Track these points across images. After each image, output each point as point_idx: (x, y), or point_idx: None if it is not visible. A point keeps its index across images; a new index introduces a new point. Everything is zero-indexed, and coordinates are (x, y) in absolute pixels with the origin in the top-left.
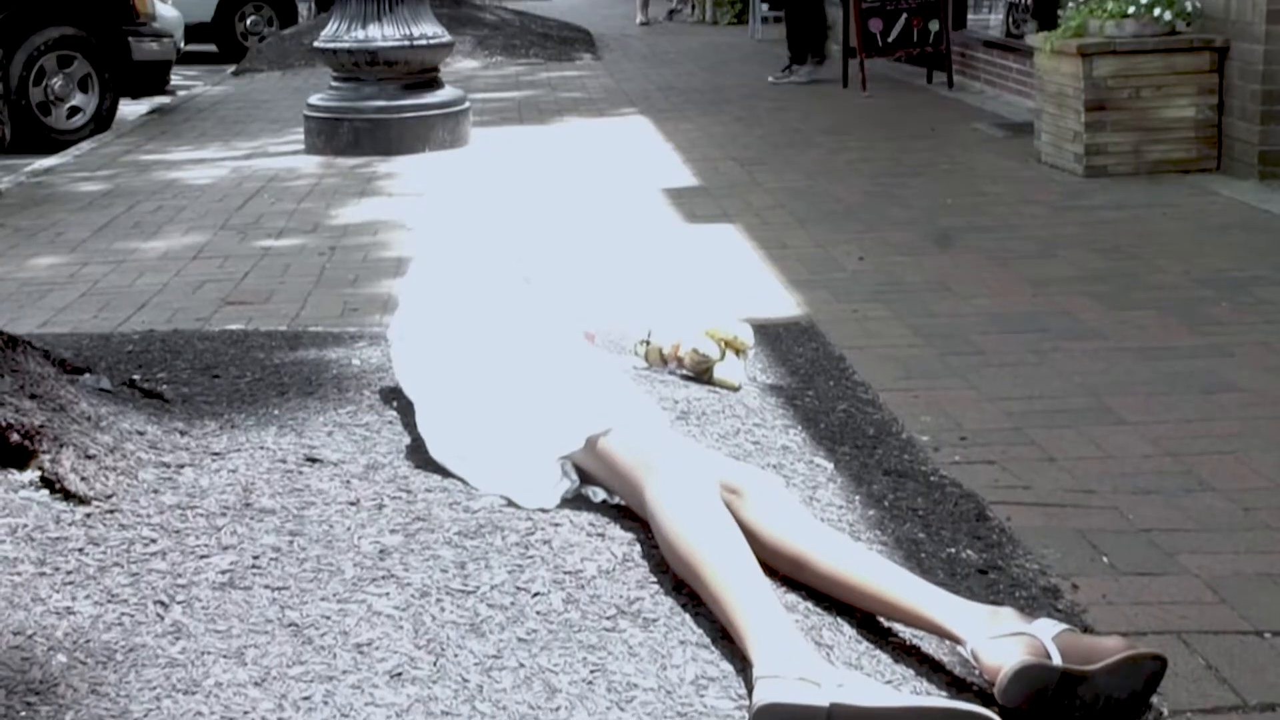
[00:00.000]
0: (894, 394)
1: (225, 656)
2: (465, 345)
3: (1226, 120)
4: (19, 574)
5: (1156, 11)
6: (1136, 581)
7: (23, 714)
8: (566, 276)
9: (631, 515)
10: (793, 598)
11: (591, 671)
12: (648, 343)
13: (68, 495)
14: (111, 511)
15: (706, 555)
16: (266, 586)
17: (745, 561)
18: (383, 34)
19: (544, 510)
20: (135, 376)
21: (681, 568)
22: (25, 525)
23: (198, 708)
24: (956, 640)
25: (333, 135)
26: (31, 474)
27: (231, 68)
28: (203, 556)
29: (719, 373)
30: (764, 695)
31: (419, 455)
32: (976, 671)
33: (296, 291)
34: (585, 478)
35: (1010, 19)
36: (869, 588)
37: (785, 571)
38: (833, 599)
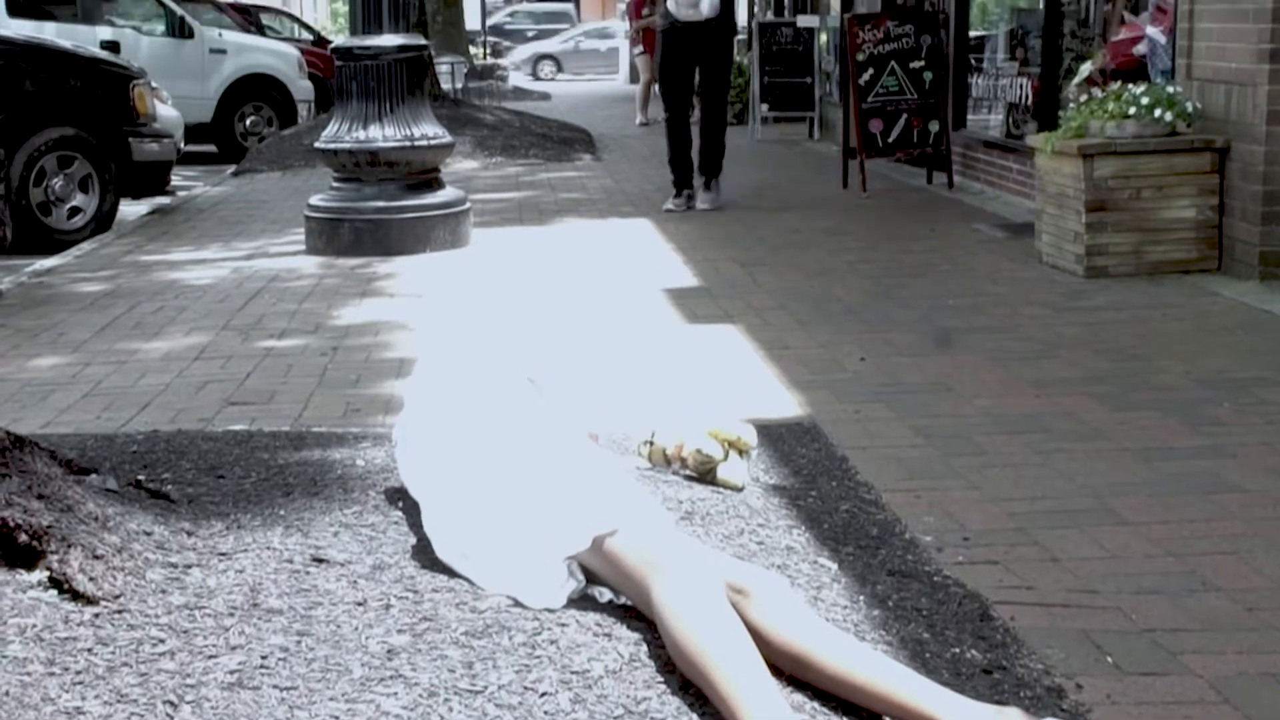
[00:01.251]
0: (897, 494)
1: None
2: (470, 446)
3: (1227, 221)
4: (28, 674)
5: (1157, 112)
6: (1140, 681)
7: None
8: (570, 377)
9: (638, 615)
10: (799, 697)
11: None
12: (651, 443)
13: (76, 595)
14: (120, 612)
15: (713, 655)
16: (275, 687)
17: (752, 661)
18: (383, 134)
19: (551, 610)
20: (141, 477)
21: (688, 668)
22: (34, 625)
23: None
24: None
25: (333, 236)
26: (40, 574)
27: (231, 168)
28: (211, 657)
29: (722, 473)
30: None
31: (425, 555)
32: None
33: (299, 392)
34: (591, 578)
35: (1010, 119)
36: (875, 688)
37: (791, 671)
38: (839, 699)
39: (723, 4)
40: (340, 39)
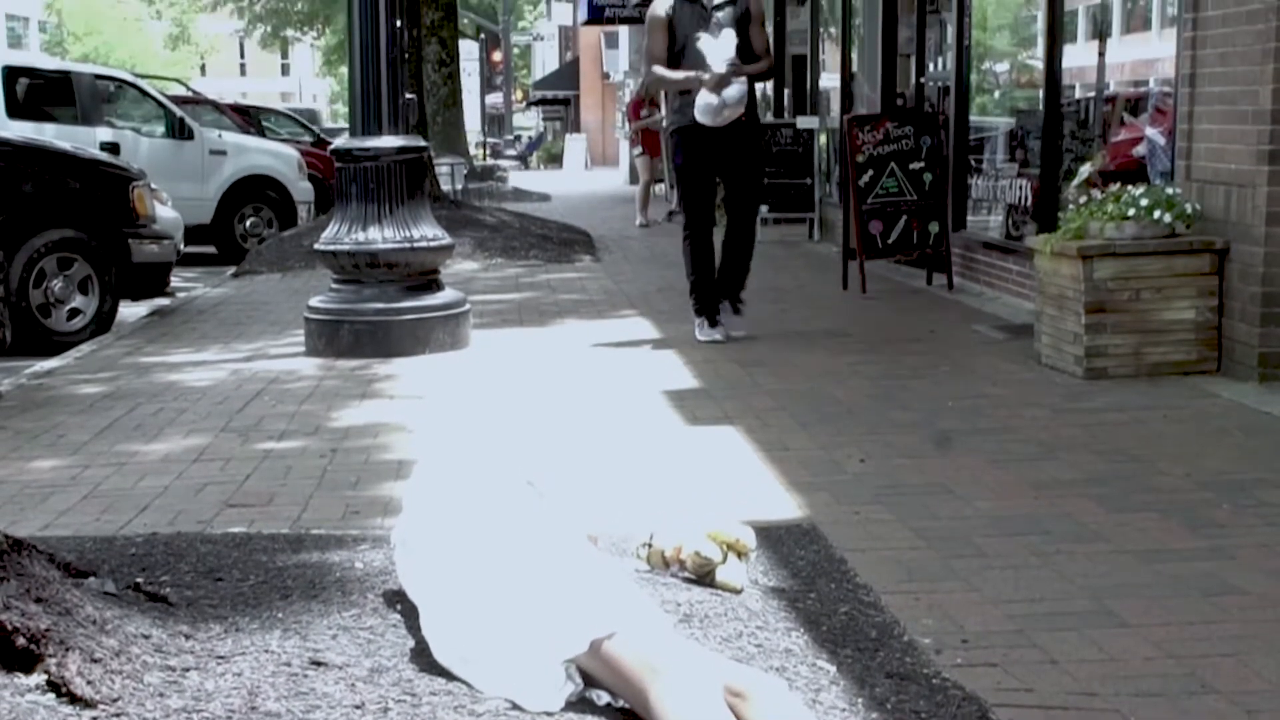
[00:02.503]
0: (896, 596)
1: None
2: (469, 549)
3: (1227, 322)
4: None
5: (1156, 214)
6: None
7: None
8: (569, 480)
9: (636, 718)
10: None
11: None
12: (650, 545)
13: (74, 699)
14: (118, 715)
15: None
16: None
17: None
18: (383, 236)
19: (549, 713)
20: (139, 580)
21: None
22: None
23: None
24: None
25: (333, 337)
26: (38, 677)
27: (231, 269)
28: None
29: (721, 575)
30: None
31: (424, 659)
32: None
33: (298, 494)
34: (589, 680)
35: (1010, 220)
36: None
37: None
38: None
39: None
40: (340, 140)
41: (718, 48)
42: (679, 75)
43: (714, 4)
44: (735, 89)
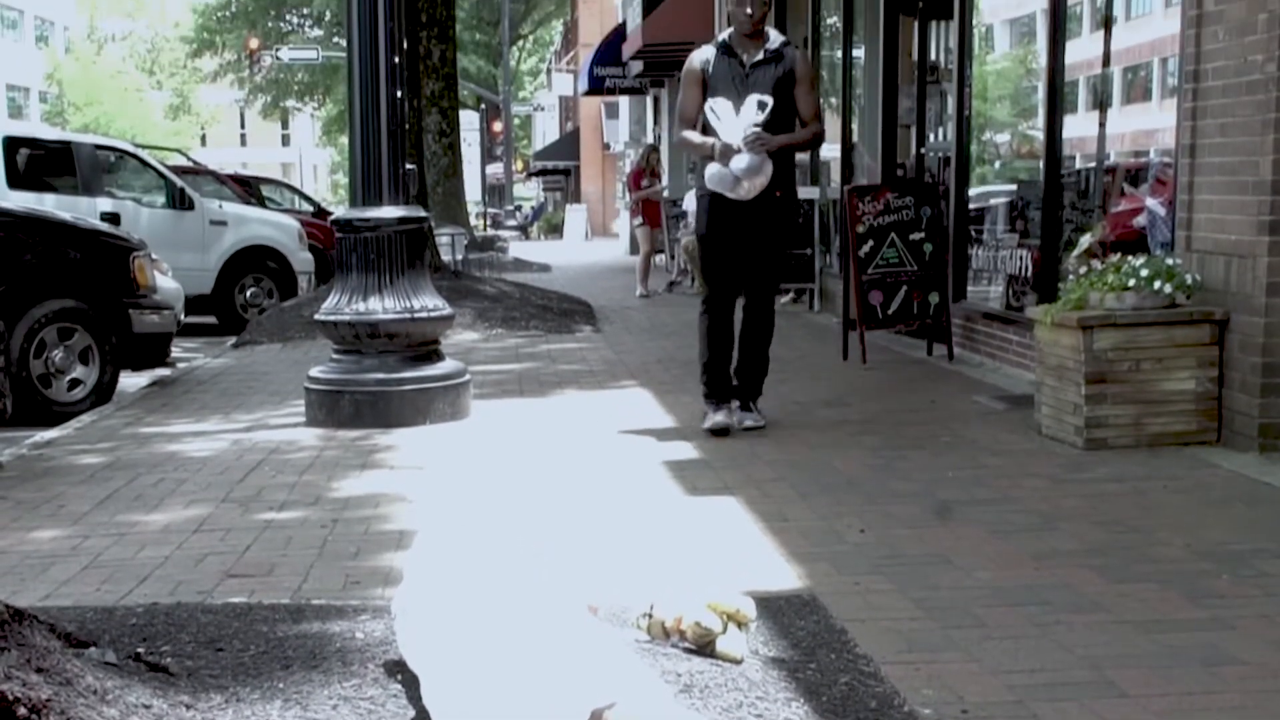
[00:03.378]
0: (896, 667)
1: None
2: (469, 618)
3: (1227, 393)
4: None
5: (1157, 284)
6: None
7: None
8: (569, 550)
9: None
10: None
11: None
12: (650, 616)
13: None
14: None
15: None
16: None
17: None
18: (383, 306)
19: None
20: (140, 650)
21: None
22: None
23: None
24: None
25: (333, 407)
26: None
27: (232, 340)
28: None
29: (721, 646)
30: None
31: None
32: None
33: (299, 564)
34: None
35: (1010, 291)
36: None
37: None
38: None
39: (778, 172)
40: (340, 210)
41: (733, 115)
42: (699, 140)
43: (752, 60)
44: (746, 160)
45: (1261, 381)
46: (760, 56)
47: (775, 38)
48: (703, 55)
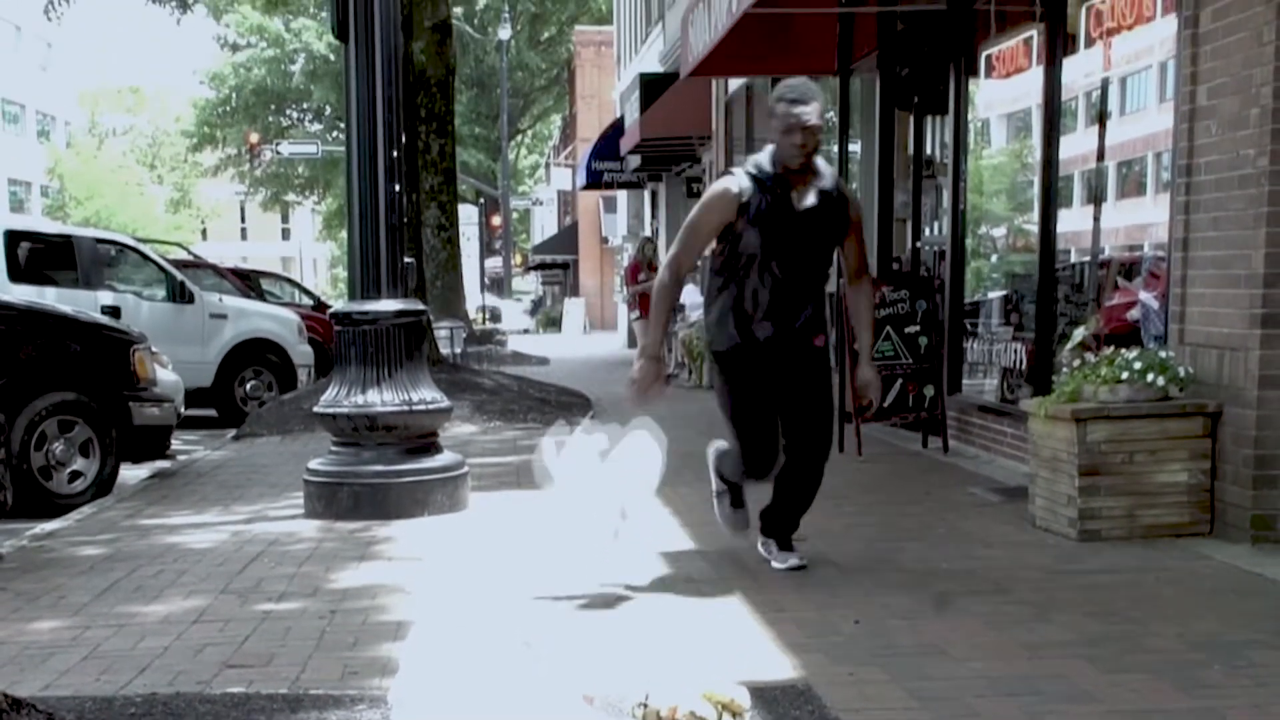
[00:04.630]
0: None
1: None
2: (466, 710)
3: (1219, 485)
4: None
5: (1150, 377)
6: None
7: None
8: (565, 641)
9: None
10: None
11: None
12: (645, 705)
13: None
14: None
15: None
16: None
17: None
18: (382, 399)
19: None
20: None
21: None
22: None
23: None
24: None
25: (332, 499)
26: None
27: (232, 432)
28: None
29: None
30: None
31: None
32: None
33: (297, 654)
34: None
35: (1005, 384)
36: None
37: None
38: None
39: (815, 317)
40: (339, 304)
41: None
42: (661, 319)
43: (804, 203)
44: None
45: (1254, 473)
46: (812, 200)
47: (826, 172)
48: (740, 183)
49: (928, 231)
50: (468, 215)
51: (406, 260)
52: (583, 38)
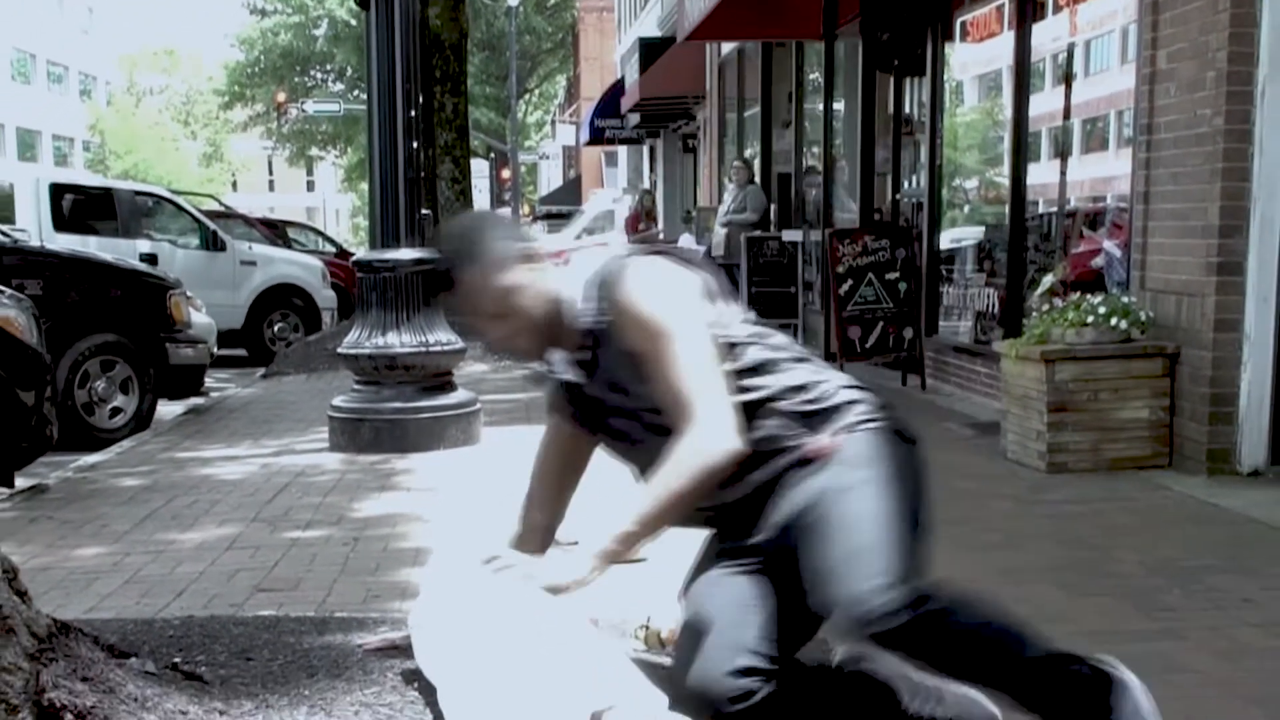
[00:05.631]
0: None
1: None
2: (480, 631)
3: (1177, 421)
4: None
5: (1113, 321)
6: None
7: None
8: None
9: None
10: None
11: None
12: (647, 628)
13: None
14: None
15: None
16: None
17: None
18: (400, 341)
19: None
20: (177, 660)
21: None
22: None
23: None
24: None
25: (354, 434)
26: None
27: (260, 371)
28: None
29: None
30: None
31: None
32: None
33: (323, 579)
34: None
35: (978, 326)
36: None
37: None
38: None
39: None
40: (361, 252)
41: None
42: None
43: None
44: None
45: (1209, 410)
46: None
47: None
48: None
49: (906, 185)
50: (479, 169)
51: (423, 211)
52: (586, 4)
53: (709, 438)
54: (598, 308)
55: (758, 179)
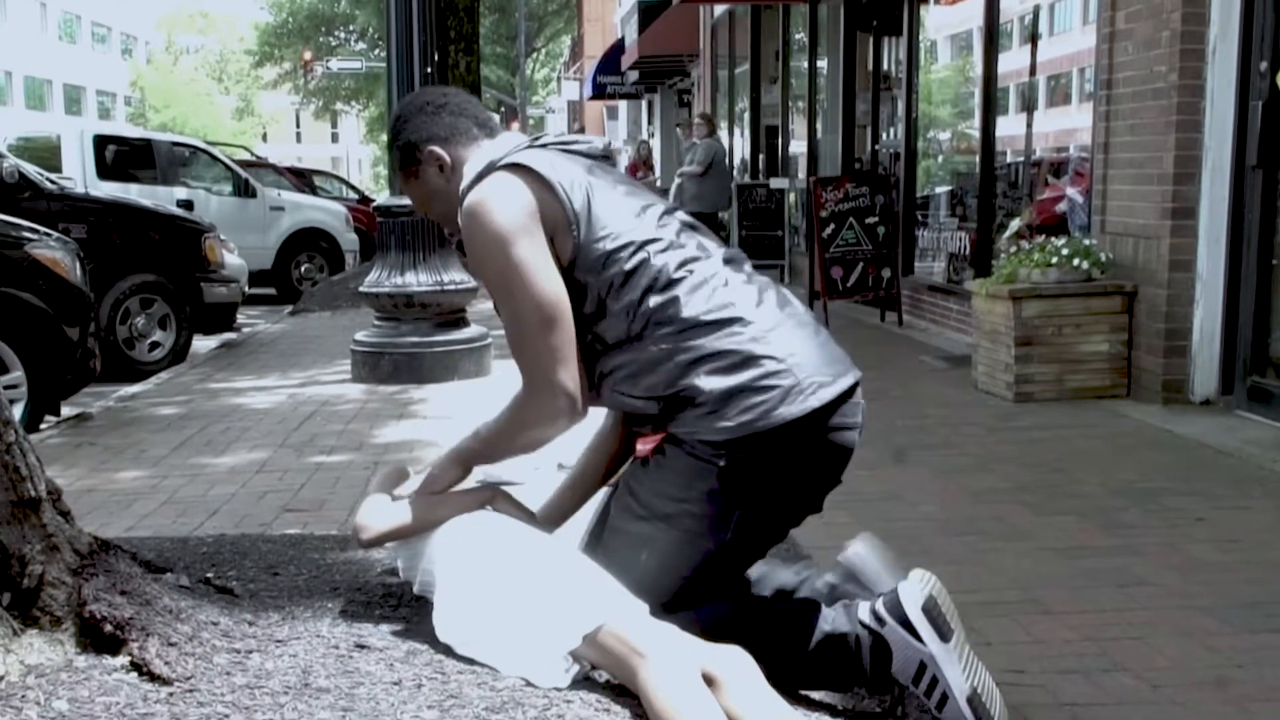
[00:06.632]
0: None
1: None
2: (476, 554)
3: (1135, 354)
4: None
5: (1076, 262)
6: None
7: None
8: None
9: (633, 694)
10: None
11: None
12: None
13: (153, 677)
14: (190, 691)
15: None
16: None
17: None
18: (417, 280)
19: (558, 689)
20: (209, 575)
21: None
22: (117, 703)
23: None
24: None
25: (375, 366)
26: (123, 659)
27: (288, 308)
28: None
29: None
30: None
31: None
32: None
33: (346, 501)
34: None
35: (951, 267)
36: None
37: None
38: None
39: None
40: (381, 198)
41: None
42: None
43: None
44: None
45: (1164, 344)
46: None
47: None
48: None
49: (885, 136)
50: None
51: None
52: None
53: (541, 409)
54: (460, 223)
55: (737, 132)
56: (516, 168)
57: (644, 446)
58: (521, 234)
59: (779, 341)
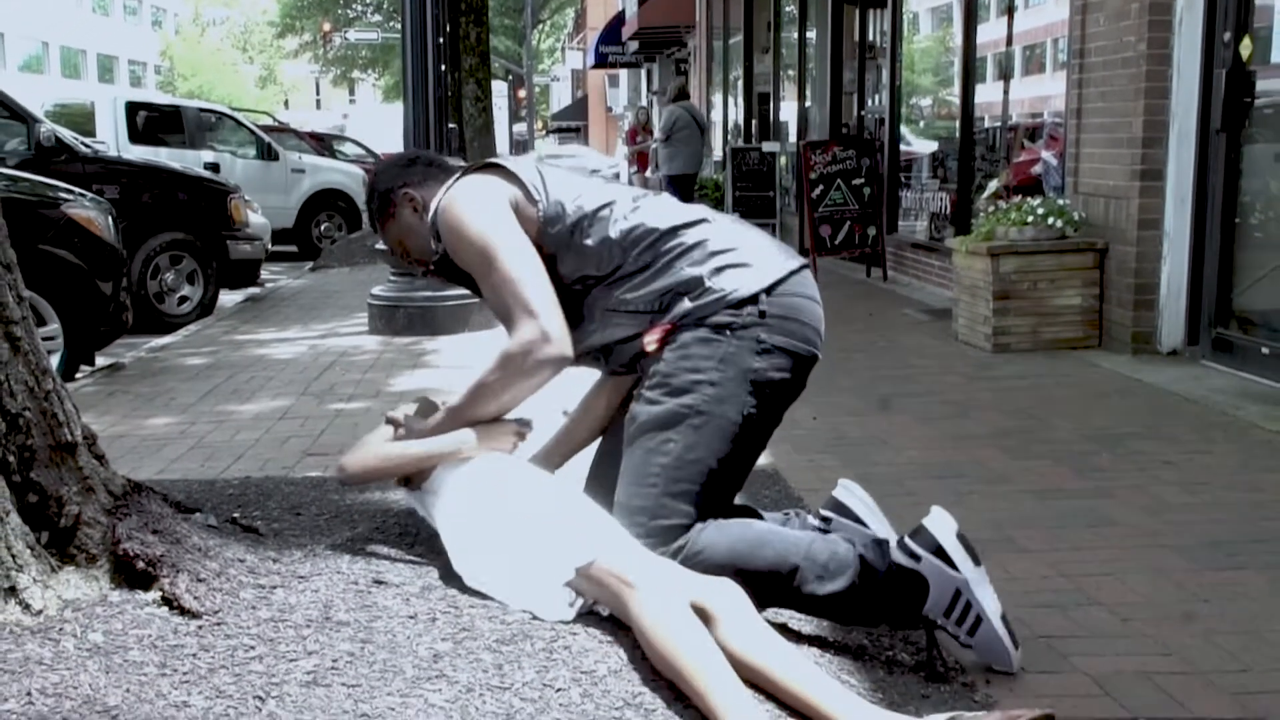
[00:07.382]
0: None
1: None
2: (482, 498)
3: (1106, 307)
4: (144, 675)
5: (1050, 220)
6: (1037, 678)
7: None
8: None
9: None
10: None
11: None
12: None
13: (183, 611)
14: (218, 624)
15: (685, 659)
16: (343, 685)
17: (717, 662)
18: None
19: (564, 622)
20: (236, 515)
21: (665, 668)
22: (149, 635)
23: None
24: None
25: (390, 319)
26: (154, 594)
27: (309, 265)
28: (292, 660)
29: None
30: None
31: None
32: None
33: None
34: None
35: (933, 225)
36: (804, 695)
37: (746, 678)
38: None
39: None
40: None
41: None
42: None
43: None
44: None
45: (1133, 298)
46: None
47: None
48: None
49: (870, 103)
50: (499, 90)
51: (450, 126)
52: None
53: (529, 354)
54: (437, 236)
55: (731, 99)
56: (481, 169)
57: (651, 338)
58: (491, 207)
59: (743, 233)
